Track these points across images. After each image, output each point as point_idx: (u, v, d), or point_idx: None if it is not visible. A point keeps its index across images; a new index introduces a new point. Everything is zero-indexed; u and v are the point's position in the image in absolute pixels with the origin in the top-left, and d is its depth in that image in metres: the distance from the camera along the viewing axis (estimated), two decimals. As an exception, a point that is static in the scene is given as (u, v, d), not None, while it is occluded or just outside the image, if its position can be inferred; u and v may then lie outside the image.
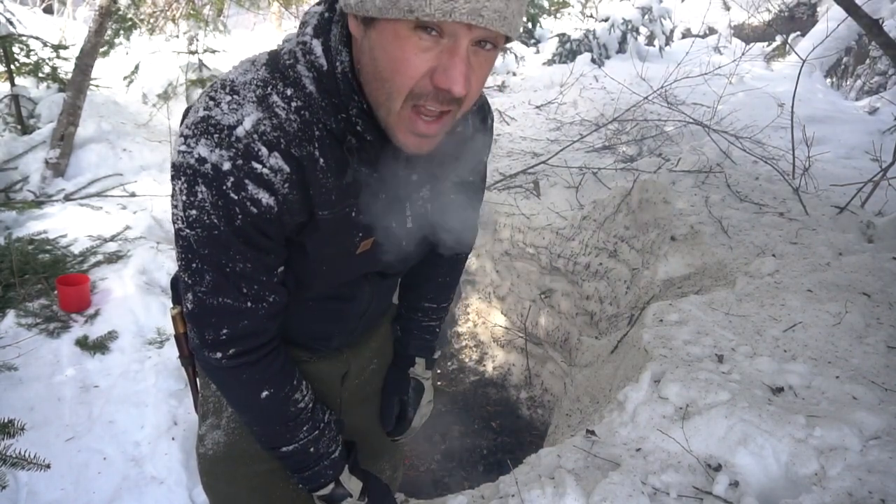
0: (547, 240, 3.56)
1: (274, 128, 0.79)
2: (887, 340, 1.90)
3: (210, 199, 0.78)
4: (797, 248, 2.62)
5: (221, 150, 0.77)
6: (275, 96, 0.80)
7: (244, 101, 0.79)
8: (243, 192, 0.78)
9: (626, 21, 7.21)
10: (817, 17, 8.33)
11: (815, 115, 5.01)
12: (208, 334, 0.90)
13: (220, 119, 0.78)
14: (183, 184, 0.79)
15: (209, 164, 0.77)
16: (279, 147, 0.79)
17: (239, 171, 0.77)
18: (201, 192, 0.78)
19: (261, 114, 0.78)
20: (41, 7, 10.01)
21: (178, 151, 0.79)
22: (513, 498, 1.41)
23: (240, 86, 0.81)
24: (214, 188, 0.78)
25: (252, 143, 0.77)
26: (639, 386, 1.70)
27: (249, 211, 0.80)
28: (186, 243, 0.83)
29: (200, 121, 0.78)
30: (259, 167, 0.78)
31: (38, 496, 1.88)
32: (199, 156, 0.77)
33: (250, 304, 0.88)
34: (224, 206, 0.79)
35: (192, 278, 0.86)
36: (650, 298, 2.68)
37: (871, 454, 1.40)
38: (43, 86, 4.61)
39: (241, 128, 0.77)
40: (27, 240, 3.02)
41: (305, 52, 0.81)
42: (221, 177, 0.77)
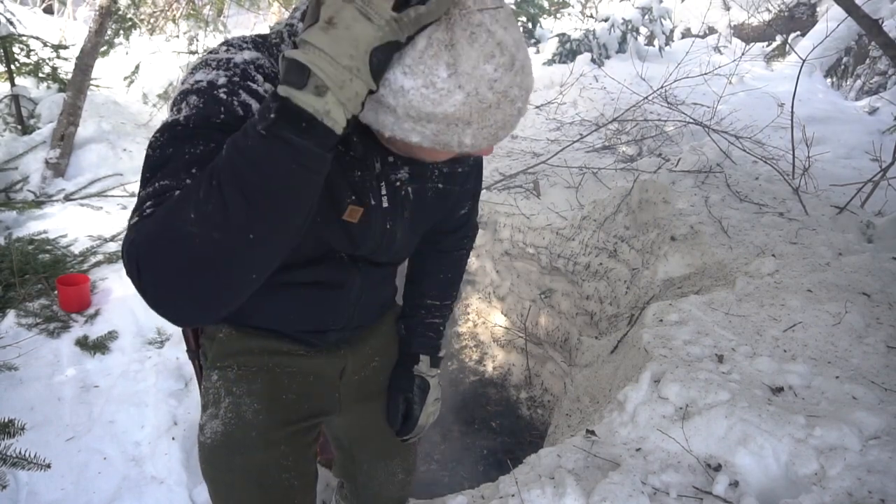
0: (547, 240, 3.56)
1: (271, 66, 0.84)
2: (887, 340, 1.90)
3: (193, 104, 0.79)
4: (797, 248, 2.62)
5: (218, 71, 0.81)
6: (265, 61, 0.85)
7: (241, 48, 0.85)
8: (235, 98, 0.80)
9: (626, 21, 7.22)
10: (817, 17, 8.33)
11: (815, 115, 5.01)
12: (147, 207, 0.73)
13: (218, 56, 0.83)
14: (175, 102, 0.81)
15: (205, 82, 0.80)
16: (273, 80, 0.83)
17: (234, 85, 0.80)
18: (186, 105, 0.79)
19: (259, 54, 0.85)
20: (41, 7, 10.01)
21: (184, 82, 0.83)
22: (513, 498, 1.41)
23: (234, 46, 0.87)
24: (205, 95, 0.79)
25: (248, 68, 0.82)
26: (639, 386, 1.70)
27: (234, 111, 0.79)
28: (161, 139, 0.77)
29: (198, 62, 0.84)
30: (254, 85, 0.82)
31: (38, 496, 1.88)
32: (196, 79, 0.81)
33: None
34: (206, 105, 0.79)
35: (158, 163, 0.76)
36: (650, 298, 2.69)
37: (871, 454, 1.40)
38: (43, 86, 4.61)
39: (238, 56, 0.83)
40: (27, 240, 3.02)
41: (291, 34, 0.86)
42: (216, 87, 0.80)
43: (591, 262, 3.30)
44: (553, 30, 8.06)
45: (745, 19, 9.36)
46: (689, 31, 10.02)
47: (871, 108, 5.87)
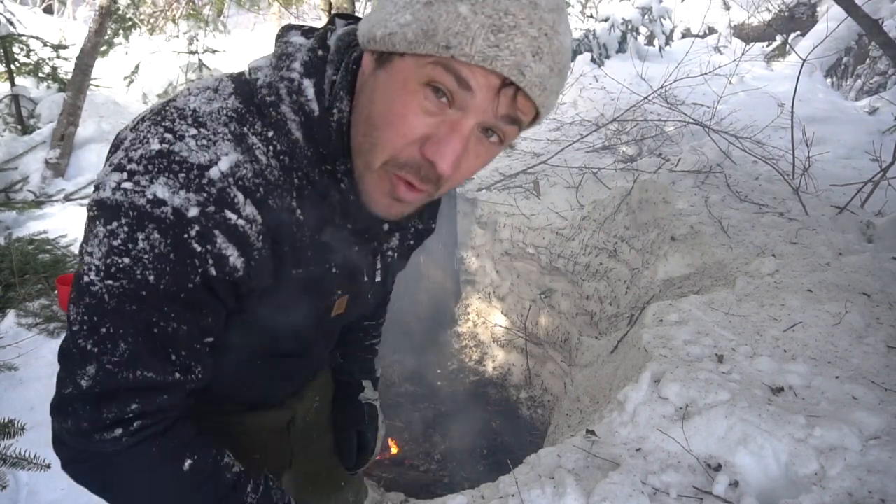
0: (547, 240, 3.56)
1: (255, 174, 0.67)
2: (887, 340, 1.90)
3: (156, 251, 0.64)
4: (797, 248, 2.62)
5: (189, 193, 0.63)
6: (253, 137, 0.69)
7: (216, 138, 0.66)
8: (209, 246, 0.65)
9: (626, 21, 7.22)
10: (817, 17, 8.33)
11: (815, 115, 5.01)
12: (108, 412, 0.69)
13: (186, 156, 0.64)
14: (117, 226, 0.64)
15: (169, 208, 0.63)
16: (256, 195, 0.68)
17: (208, 219, 0.64)
18: (146, 240, 0.64)
19: (240, 155, 0.67)
20: (41, 7, 10.01)
21: (115, 186, 0.64)
22: (513, 498, 1.41)
23: (205, 116, 0.68)
24: (171, 237, 0.64)
25: (228, 188, 0.65)
26: (639, 386, 1.70)
27: (207, 270, 0.66)
28: (97, 300, 0.66)
29: (157, 155, 0.64)
30: (233, 217, 0.66)
31: (38, 496, 1.88)
32: (155, 197, 0.63)
33: (178, 375, 0.71)
34: (177, 261, 0.65)
35: (100, 346, 0.67)
36: (650, 298, 2.69)
37: (871, 454, 1.40)
38: (43, 86, 4.61)
39: (215, 168, 0.65)
40: (27, 240, 3.02)
41: (292, 92, 0.70)
42: (184, 224, 0.63)
43: (591, 262, 3.30)
44: (553, 30, 8.04)
45: (745, 19, 9.36)
46: (689, 31, 10.02)
47: (871, 108, 5.88)
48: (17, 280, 2.63)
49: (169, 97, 0.73)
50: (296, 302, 0.80)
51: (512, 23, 0.59)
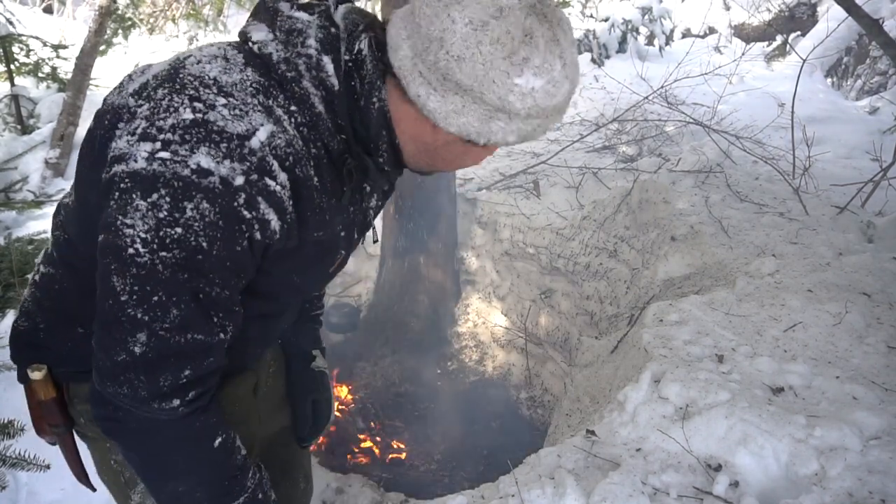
0: (547, 240, 3.55)
1: (286, 143, 0.72)
2: (887, 340, 1.90)
3: (207, 219, 0.67)
4: (797, 248, 2.62)
5: (233, 162, 0.67)
6: (279, 110, 0.73)
7: (247, 108, 0.71)
8: (254, 212, 0.70)
9: (626, 21, 7.21)
10: (817, 17, 8.32)
11: (815, 115, 5.01)
12: (165, 380, 0.74)
13: (223, 126, 0.68)
14: (162, 197, 0.66)
15: (216, 178, 0.67)
16: (286, 163, 0.73)
17: (252, 187, 0.69)
18: (195, 209, 0.67)
19: (273, 126, 0.71)
20: (41, 7, 10.01)
21: (148, 157, 0.66)
22: (513, 498, 1.41)
23: (229, 86, 0.71)
24: (221, 205, 0.67)
25: (266, 157, 0.70)
26: (639, 386, 1.70)
27: (254, 234, 0.72)
28: (147, 272, 0.68)
29: (192, 124, 0.67)
30: (272, 184, 0.71)
31: (38, 496, 1.88)
32: (199, 166, 0.66)
33: (221, 335, 0.77)
34: (226, 227, 0.69)
35: (151, 314, 0.70)
36: (650, 298, 2.68)
37: (871, 454, 1.40)
38: (43, 86, 4.61)
39: (255, 139, 0.69)
40: (27, 240, 3.02)
41: (311, 67, 0.75)
42: (233, 192, 0.68)
43: (591, 262, 3.30)
44: (553, 30, 8.04)
45: (745, 19, 9.36)
46: (689, 31, 10.02)
47: (871, 108, 5.87)
48: (16, 280, 2.63)
49: (171, 62, 0.76)
50: (312, 261, 0.87)
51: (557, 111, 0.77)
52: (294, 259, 0.83)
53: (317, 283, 0.99)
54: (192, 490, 0.84)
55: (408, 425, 3.35)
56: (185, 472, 0.83)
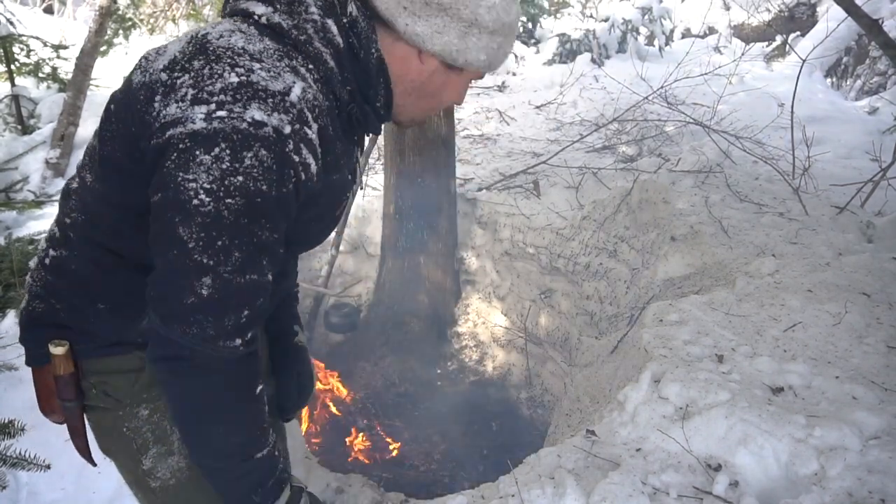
0: (547, 240, 3.56)
1: (314, 97, 0.84)
2: (887, 340, 1.90)
3: (265, 164, 0.77)
4: (797, 248, 2.62)
5: (280, 114, 0.78)
6: (301, 69, 0.84)
7: (278, 70, 0.81)
8: (299, 156, 0.81)
9: (626, 21, 7.21)
10: (817, 17, 8.32)
11: (815, 115, 5.01)
12: (229, 320, 0.82)
13: (266, 85, 0.78)
14: (223, 150, 0.75)
15: (269, 128, 0.77)
16: (315, 115, 0.84)
17: (296, 135, 0.80)
18: (254, 157, 0.76)
19: (304, 83, 0.82)
20: (41, 7, 10.01)
21: (206, 117, 0.75)
22: (513, 498, 1.41)
23: (258, 54, 0.81)
24: (276, 151, 0.77)
25: (303, 109, 0.81)
26: (639, 386, 1.70)
27: (300, 176, 0.82)
28: (212, 219, 0.77)
29: (240, 85, 0.77)
30: (309, 132, 0.82)
31: (39, 496, 1.88)
32: (254, 119, 0.76)
33: (269, 276, 0.86)
34: (279, 170, 0.79)
35: (215, 258, 0.78)
36: (650, 298, 2.69)
37: (871, 454, 1.40)
38: (43, 86, 4.61)
39: (293, 94, 0.80)
40: (27, 240, 3.02)
41: (318, 30, 0.86)
42: (284, 139, 0.78)
43: (591, 262, 3.30)
44: (553, 30, 8.05)
45: (745, 19, 9.36)
46: (689, 31, 10.02)
47: (871, 108, 5.87)
48: (17, 280, 2.63)
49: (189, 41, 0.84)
50: (327, 204, 0.98)
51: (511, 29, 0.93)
52: (316, 203, 0.92)
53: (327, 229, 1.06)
54: (229, 433, 0.90)
55: (408, 425, 3.35)
56: (228, 414, 0.90)
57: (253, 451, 0.93)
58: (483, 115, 5.70)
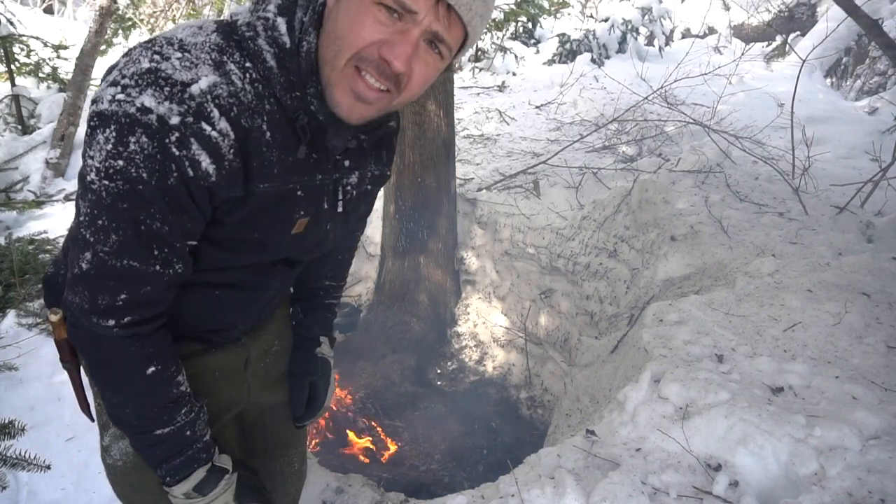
0: (547, 240, 3.56)
1: (229, 94, 0.79)
2: (887, 340, 1.90)
3: (146, 151, 0.75)
4: (797, 248, 2.62)
5: (172, 104, 0.75)
6: (231, 65, 0.80)
7: (198, 62, 0.78)
8: (185, 151, 0.77)
9: (626, 21, 7.22)
10: (817, 17, 8.32)
11: (815, 115, 5.01)
12: (102, 299, 0.84)
13: (171, 73, 0.76)
14: (111, 132, 0.75)
15: (154, 115, 0.74)
16: (230, 113, 0.79)
17: (187, 128, 0.76)
18: (136, 143, 0.75)
19: (217, 77, 0.78)
20: (41, 7, 10.01)
21: (111, 99, 0.75)
22: (513, 498, 1.41)
23: (190, 45, 0.79)
24: (156, 140, 0.75)
25: (205, 104, 0.77)
26: (639, 386, 1.70)
27: (185, 171, 0.78)
28: (97, 197, 0.78)
29: (146, 72, 0.75)
30: (208, 129, 0.77)
31: (39, 496, 1.89)
32: (143, 105, 0.74)
33: (158, 267, 0.84)
34: (160, 161, 0.76)
35: (96, 236, 0.80)
36: (650, 298, 2.69)
37: (871, 454, 1.40)
38: (43, 86, 4.61)
39: (196, 86, 0.76)
40: (28, 240, 3.02)
41: (267, 28, 0.83)
42: (166, 130, 0.75)
43: (591, 262, 3.30)
44: (553, 30, 8.06)
45: (745, 19, 9.36)
46: (689, 32, 10.02)
47: (871, 108, 5.87)
48: (17, 280, 2.63)
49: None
50: (263, 215, 0.91)
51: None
52: (244, 210, 0.88)
53: (280, 246, 1.01)
54: (122, 404, 0.95)
55: (408, 425, 3.35)
56: (117, 387, 0.94)
57: (150, 427, 0.95)
58: (483, 114, 5.71)
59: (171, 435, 0.96)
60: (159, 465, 0.98)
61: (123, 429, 0.99)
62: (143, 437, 0.96)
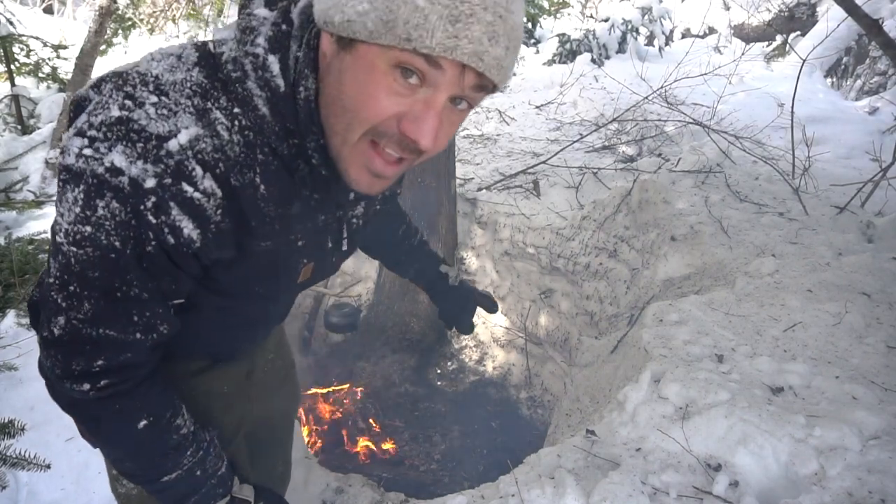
0: (547, 240, 3.56)
1: (214, 149, 0.69)
2: (887, 340, 1.90)
3: (117, 218, 0.67)
4: (797, 248, 2.62)
5: (146, 164, 0.65)
6: (217, 112, 0.70)
7: (178, 110, 0.68)
8: (164, 217, 0.67)
9: (625, 21, 7.21)
10: (817, 17, 8.32)
11: (815, 115, 5.01)
12: (77, 364, 0.77)
13: (144, 125, 0.66)
14: (79, 193, 0.66)
15: (125, 178, 0.65)
16: (215, 170, 0.69)
17: (164, 191, 0.66)
18: (105, 208, 0.66)
19: (200, 130, 0.68)
20: (41, 7, 10.01)
21: (77, 153, 0.66)
22: (513, 498, 1.41)
23: (167, 85, 0.69)
24: (129, 206, 0.66)
25: (186, 161, 0.66)
26: (639, 386, 1.70)
27: (165, 239, 0.69)
28: (66, 261, 0.70)
29: (116, 122, 0.65)
30: (190, 190, 0.67)
31: (38, 496, 1.88)
32: (112, 165, 0.65)
33: (139, 335, 0.77)
34: (135, 229, 0.68)
35: (68, 302, 0.72)
36: (650, 298, 2.69)
37: (871, 454, 1.40)
38: (43, 86, 4.61)
39: (174, 141, 0.66)
40: (27, 240, 3.02)
41: (257, 67, 0.70)
42: (140, 195, 0.65)
43: (591, 262, 3.30)
44: (553, 30, 8.06)
45: (745, 19, 9.36)
46: (689, 32, 10.02)
47: (871, 108, 5.87)
48: (17, 280, 2.63)
49: (140, 58, 0.74)
50: (263, 272, 0.84)
51: (468, 11, 0.60)
52: (242, 269, 0.81)
53: (287, 293, 0.97)
54: (121, 458, 0.90)
55: (408, 425, 3.35)
56: (110, 444, 0.89)
57: (156, 476, 0.90)
58: (483, 114, 5.71)
59: (181, 479, 0.91)
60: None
61: (129, 479, 0.95)
62: (151, 484, 0.92)
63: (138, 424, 0.85)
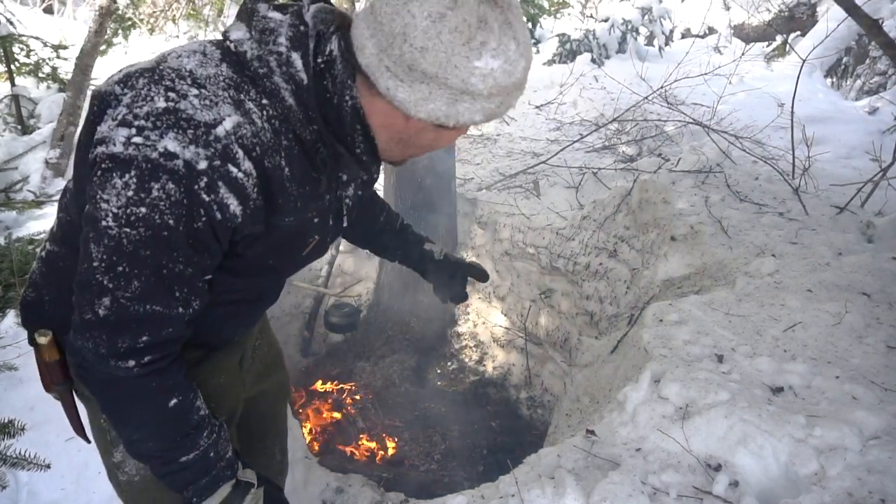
0: (547, 240, 3.56)
1: (252, 135, 0.78)
2: (887, 340, 1.90)
3: (172, 198, 0.74)
4: (797, 248, 2.62)
5: (197, 148, 0.73)
6: (249, 103, 0.79)
7: (218, 100, 0.76)
8: (214, 195, 0.76)
9: (625, 21, 7.21)
10: (817, 17, 8.32)
11: (815, 115, 5.00)
12: (123, 342, 0.82)
13: (192, 114, 0.74)
14: (132, 178, 0.73)
15: (180, 161, 0.73)
16: (252, 153, 0.78)
17: (214, 171, 0.75)
18: (161, 189, 0.73)
19: (240, 118, 0.77)
20: (41, 7, 10.02)
21: (125, 141, 0.73)
22: (513, 498, 1.41)
23: (203, 79, 0.77)
24: (183, 186, 0.74)
25: (231, 145, 0.76)
26: (639, 386, 1.70)
27: (214, 215, 0.77)
28: (115, 243, 0.76)
29: (164, 112, 0.74)
30: (234, 171, 0.76)
31: (38, 496, 1.88)
32: (166, 150, 0.72)
33: (180, 309, 0.83)
34: (188, 206, 0.75)
35: (115, 282, 0.78)
36: (650, 298, 2.69)
37: (871, 454, 1.40)
38: (43, 86, 4.61)
39: (221, 127, 0.75)
40: (27, 240, 3.02)
41: (282, 64, 0.80)
42: (194, 175, 0.74)
43: (591, 262, 3.30)
44: (553, 30, 8.06)
45: (745, 19, 9.35)
46: (689, 32, 10.02)
47: (871, 108, 5.87)
48: (17, 280, 2.63)
49: (156, 57, 0.82)
50: (282, 244, 0.94)
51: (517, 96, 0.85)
52: (265, 243, 0.90)
53: (292, 266, 1.05)
54: (144, 440, 0.93)
55: (408, 425, 3.35)
56: (139, 424, 0.92)
57: (175, 456, 0.94)
58: (483, 115, 5.70)
59: (196, 459, 0.95)
60: (185, 488, 0.98)
61: (145, 461, 0.97)
62: (167, 465, 0.95)
63: (170, 402, 0.90)
